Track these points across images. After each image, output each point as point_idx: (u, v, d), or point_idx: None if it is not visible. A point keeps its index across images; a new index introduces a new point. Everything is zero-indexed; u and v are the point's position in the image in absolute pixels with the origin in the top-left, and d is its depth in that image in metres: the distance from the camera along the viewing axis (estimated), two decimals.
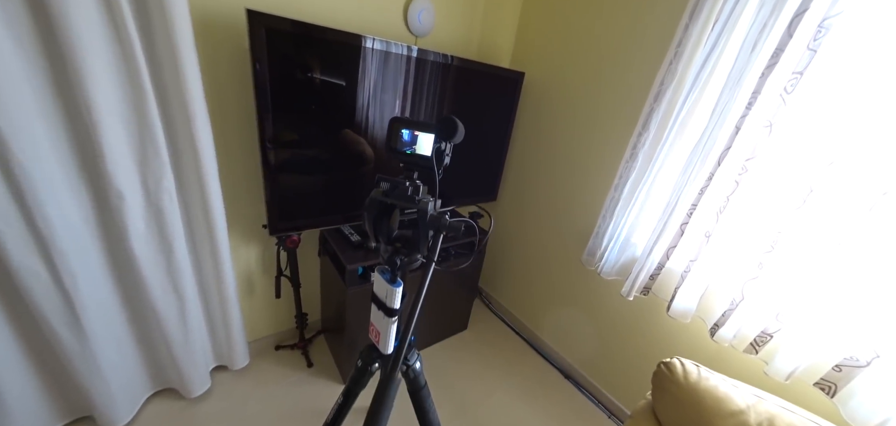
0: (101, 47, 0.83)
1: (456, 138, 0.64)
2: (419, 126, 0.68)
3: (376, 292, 0.77)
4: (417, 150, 0.68)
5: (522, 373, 1.82)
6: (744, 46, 1.08)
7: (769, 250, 1.03)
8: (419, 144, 0.68)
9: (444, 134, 0.66)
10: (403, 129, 0.68)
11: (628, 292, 1.37)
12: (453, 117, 0.63)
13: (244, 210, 1.38)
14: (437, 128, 0.66)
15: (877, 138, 0.88)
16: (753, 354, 1.09)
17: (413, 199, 0.67)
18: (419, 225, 0.66)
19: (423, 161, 0.68)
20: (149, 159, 1.00)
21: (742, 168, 1.08)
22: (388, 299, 0.74)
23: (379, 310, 0.76)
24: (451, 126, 0.65)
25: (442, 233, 0.65)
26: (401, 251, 0.71)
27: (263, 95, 1.07)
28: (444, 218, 0.66)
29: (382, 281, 0.74)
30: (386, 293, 0.74)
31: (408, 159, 0.70)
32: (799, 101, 0.98)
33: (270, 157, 1.16)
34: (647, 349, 1.47)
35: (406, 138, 0.68)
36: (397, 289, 0.72)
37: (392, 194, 0.68)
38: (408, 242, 0.71)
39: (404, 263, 0.71)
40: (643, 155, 1.32)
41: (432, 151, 0.67)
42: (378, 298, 0.77)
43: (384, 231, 0.70)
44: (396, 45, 1.23)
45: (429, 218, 0.65)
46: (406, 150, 0.69)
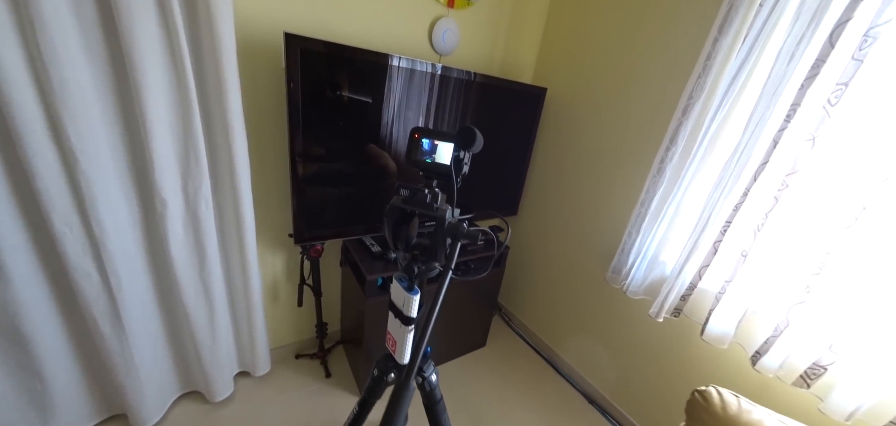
0: (158, 64, 0.92)
1: (475, 148, 0.66)
2: (439, 135, 0.69)
3: (394, 300, 0.77)
4: (437, 159, 0.69)
5: (543, 394, 1.75)
6: (780, 58, 1.04)
7: (817, 272, 0.95)
8: (439, 153, 0.69)
9: (463, 143, 0.67)
10: (424, 138, 0.70)
11: (657, 313, 1.30)
12: (472, 127, 0.64)
13: (272, 218, 1.45)
14: (456, 137, 0.67)
15: None
16: (804, 388, 0.99)
17: (431, 206, 0.68)
18: (437, 232, 0.67)
19: (442, 169, 0.69)
20: (191, 168, 1.07)
21: (782, 183, 1.02)
22: (405, 307, 0.74)
23: (396, 318, 0.76)
24: (470, 135, 0.66)
25: (460, 240, 0.66)
26: (419, 259, 0.71)
27: (295, 112, 1.13)
28: (461, 225, 0.66)
29: (400, 288, 0.74)
30: (403, 301, 0.74)
31: (427, 168, 0.71)
32: (845, 114, 0.92)
33: (299, 170, 1.21)
34: (678, 375, 1.37)
35: (426, 147, 0.69)
36: (415, 296, 0.72)
37: (411, 201, 0.69)
38: (426, 250, 0.72)
39: (422, 271, 0.71)
40: (671, 169, 1.27)
41: (451, 160, 0.68)
42: (395, 306, 0.77)
43: (403, 238, 0.71)
44: (421, 62, 1.28)
45: (447, 225, 0.66)
46: (426, 158, 0.70)
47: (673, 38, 1.33)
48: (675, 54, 1.33)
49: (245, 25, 1.13)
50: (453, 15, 1.52)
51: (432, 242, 0.69)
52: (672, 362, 1.39)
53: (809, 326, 0.98)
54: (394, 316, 0.77)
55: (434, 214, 0.67)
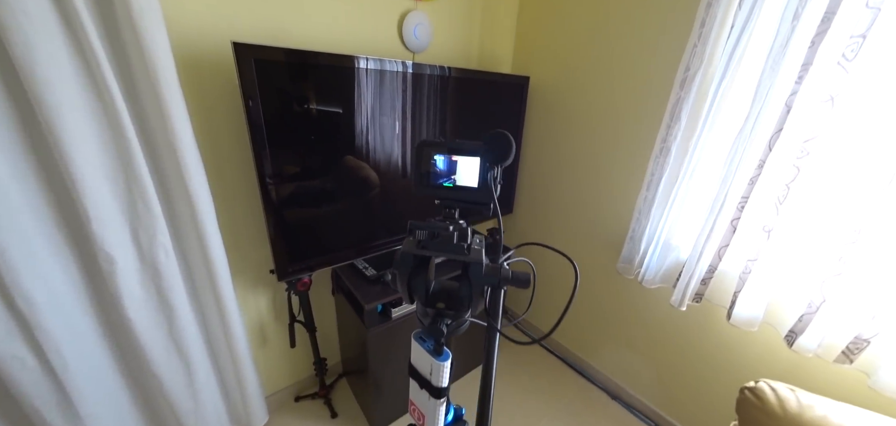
0: (76, 97, 0.75)
1: (509, 159, 0.48)
2: (458, 149, 0.51)
3: (415, 364, 0.61)
4: (459, 181, 0.52)
5: (566, 397, 1.66)
6: (783, 18, 0.97)
7: (852, 241, 0.89)
8: (460, 173, 0.51)
9: (494, 155, 0.49)
10: (436, 154, 0.51)
11: (679, 301, 1.22)
12: (504, 132, 0.47)
13: (250, 255, 1.29)
14: (483, 148, 0.50)
15: None
16: (847, 364, 0.93)
17: (460, 247, 0.51)
18: (472, 281, 0.51)
19: (468, 195, 0.51)
20: (140, 214, 0.90)
21: (802, 151, 0.95)
22: (434, 377, 0.57)
23: (421, 388, 0.59)
24: (504, 143, 0.48)
25: (504, 287, 0.52)
26: (444, 313, 0.54)
27: (258, 132, 0.98)
28: (503, 268, 0.51)
29: (423, 352, 0.58)
30: (430, 369, 0.57)
31: (447, 194, 0.53)
32: (864, 68, 0.85)
33: (272, 195, 1.07)
34: (709, 364, 1.30)
35: (441, 167, 0.52)
36: (444, 363, 0.55)
37: (432, 245, 0.52)
38: (452, 297, 0.55)
39: (451, 328, 0.54)
40: (676, 148, 1.20)
41: (480, 181, 0.50)
42: (419, 374, 0.60)
43: (421, 288, 0.54)
44: (391, 62, 1.16)
45: (485, 270, 0.50)
46: (443, 181, 0.52)
47: (660, 6, 1.25)
48: (665, 25, 1.25)
49: (185, 39, 0.97)
50: (423, 7, 1.40)
51: (461, 289, 0.53)
52: (699, 350, 1.33)
53: (847, 299, 0.91)
54: (419, 386, 0.60)
55: (466, 259, 0.51)
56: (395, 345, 1.37)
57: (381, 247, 1.41)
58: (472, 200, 0.52)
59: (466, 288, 0.51)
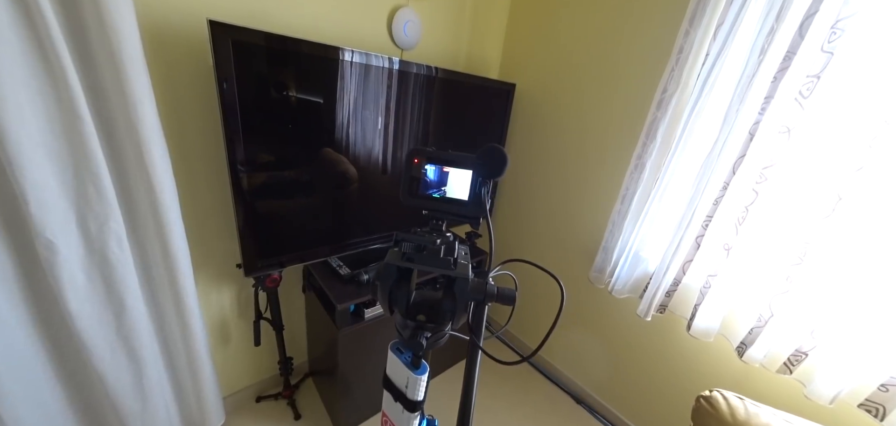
0: (16, 63, 0.66)
1: (502, 175, 0.47)
2: (450, 160, 0.50)
3: (391, 376, 0.59)
4: (448, 193, 0.51)
5: (532, 400, 1.70)
6: (752, 50, 1.04)
7: (798, 263, 0.97)
8: (450, 185, 0.50)
9: (487, 169, 0.48)
10: (428, 164, 0.50)
11: (646, 312, 1.29)
12: (499, 147, 0.46)
13: (215, 248, 1.21)
14: (476, 162, 0.48)
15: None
16: (787, 374, 1.02)
17: (448, 262, 0.49)
18: (457, 296, 0.50)
19: (458, 208, 0.50)
20: (89, 199, 0.82)
21: (760, 176, 1.02)
22: (409, 390, 0.55)
23: (396, 401, 0.57)
24: (498, 158, 0.47)
25: (489, 303, 0.51)
26: (425, 326, 0.52)
27: (232, 115, 0.92)
28: (489, 284, 0.50)
29: (400, 364, 0.56)
30: (406, 381, 0.55)
31: (436, 206, 0.52)
32: (818, 105, 0.93)
33: (243, 183, 1.01)
34: (667, 371, 1.38)
35: (432, 177, 0.51)
36: (422, 376, 0.54)
37: (418, 258, 0.49)
38: (433, 310, 0.53)
39: (431, 341, 0.51)
40: (650, 165, 1.25)
41: (471, 194, 0.49)
42: (394, 386, 0.58)
43: (402, 300, 0.52)
44: (378, 57, 1.13)
45: (470, 286, 0.49)
46: (432, 192, 0.51)
47: (644, 31, 1.31)
48: (646, 47, 1.30)
49: (153, 12, 0.89)
50: (414, 5, 1.37)
51: (444, 300, 0.52)
52: (660, 358, 1.40)
53: (791, 315, 1.00)
54: (393, 398, 0.58)
55: (452, 273, 0.49)
56: (366, 346, 1.34)
57: (357, 246, 1.37)
58: (463, 214, 0.51)
59: (449, 301, 0.50)
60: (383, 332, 1.36)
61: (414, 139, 1.36)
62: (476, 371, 0.50)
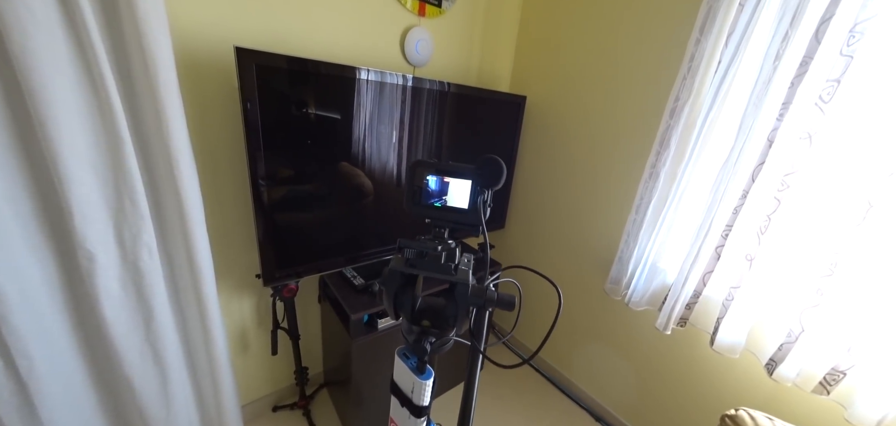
0: (70, 90, 0.74)
1: (499, 184, 0.50)
2: (450, 171, 0.52)
3: (397, 381, 0.61)
4: (449, 202, 0.53)
5: (549, 418, 1.64)
6: (767, 57, 1.02)
7: (828, 274, 0.92)
8: (451, 194, 0.53)
9: (485, 179, 0.51)
10: (429, 174, 0.53)
11: (665, 325, 1.24)
12: (496, 158, 0.49)
13: (236, 259, 1.26)
14: (475, 172, 0.51)
15: None
16: (824, 395, 0.95)
17: (448, 267, 0.52)
18: (458, 301, 0.52)
19: (458, 216, 0.53)
20: (126, 212, 0.88)
21: (782, 184, 0.99)
22: (415, 395, 0.57)
23: (402, 406, 0.59)
24: (495, 169, 0.50)
25: (489, 308, 0.53)
26: (429, 331, 0.54)
27: (254, 134, 0.98)
28: (489, 290, 0.51)
29: (406, 369, 0.58)
30: (412, 386, 0.57)
31: (437, 214, 0.54)
32: (840, 110, 0.90)
33: (264, 197, 1.06)
34: (689, 388, 1.32)
35: (433, 187, 0.53)
36: (426, 381, 0.55)
37: (420, 264, 0.52)
38: (437, 316, 0.55)
39: (435, 346, 0.54)
40: (665, 174, 1.23)
41: (471, 203, 0.52)
42: (400, 390, 0.60)
43: (407, 305, 0.55)
44: (391, 74, 1.18)
45: (471, 291, 0.51)
46: (434, 201, 0.53)
47: (653, 40, 1.31)
48: (656, 56, 1.30)
49: (186, 41, 0.97)
50: (425, 24, 1.43)
51: (447, 306, 0.54)
52: (681, 374, 1.34)
53: (824, 330, 0.94)
54: (400, 403, 0.60)
55: (453, 279, 0.52)
56: (380, 357, 1.35)
57: (371, 257, 1.40)
58: (462, 221, 0.53)
59: (452, 307, 0.52)
60: (397, 342, 1.36)
61: (427, 152, 1.39)
62: (476, 374, 0.51)
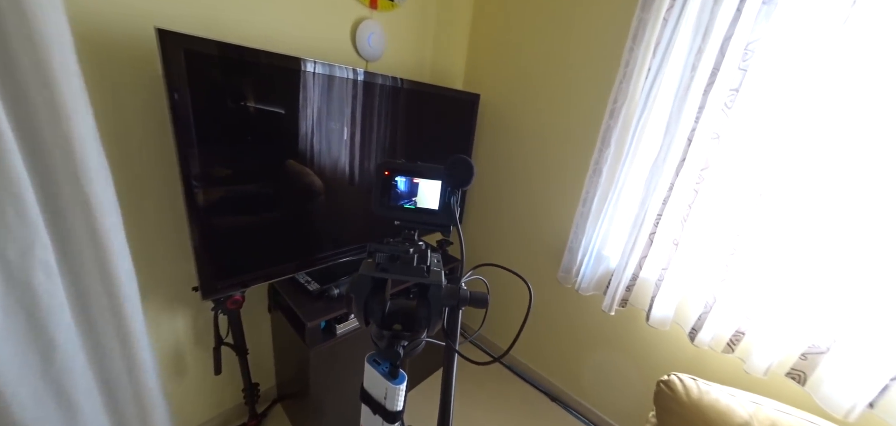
0: None
1: (469, 184, 0.50)
2: (419, 171, 0.52)
3: (368, 389, 0.58)
4: (420, 203, 0.53)
5: (509, 402, 1.73)
6: (686, 66, 1.17)
7: (732, 253, 1.10)
8: (421, 195, 0.52)
9: (455, 179, 0.50)
10: (399, 175, 0.52)
11: (609, 307, 1.37)
12: (465, 158, 0.49)
13: (167, 271, 1.11)
14: (445, 172, 0.51)
15: (814, 143, 0.98)
16: (730, 353, 1.14)
17: (421, 270, 0.51)
18: (431, 303, 0.51)
19: (429, 217, 0.52)
20: (9, 224, 0.72)
21: (698, 177, 1.15)
22: (388, 401, 0.55)
23: (375, 413, 0.57)
24: (465, 169, 0.49)
25: (462, 307, 0.53)
26: (401, 335, 0.53)
27: (185, 129, 0.86)
28: (462, 289, 0.52)
29: (377, 376, 0.56)
30: (385, 392, 0.55)
31: (408, 216, 0.53)
32: (739, 114, 1.07)
33: (198, 199, 0.94)
34: (632, 360, 1.47)
35: (403, 188, 0.52)
36: (400, 386, 0.54)
37: (392, 268, 0.51)
38: (409, 318, 0.54)
39: (408, 350, 0.53)
40: (607, 169, 1.35)
41: (441, 203, 0.51)
42: (372, 397, 0.58)
43: (377, 311, 0.53)
44: (341, 68, 1.12)
45: (444, 292, 0.51)
46: (403, 202, 0.52)
47: (596, 45, 1.42)
48: (599, 60, 1.42)
49: (91, 19, 0.82)
50: (378, 17, 1.39)
51: (419, 308, 0.53)
52: (623, 350, 1.49)
53: (730, 300, 1.12)
54: (372, 411, 0.57)
55: (426, 281, 0.51)
56: (339, 363, 1.29)
57: (326, 260, 1.33)
58: (434, 222, 0.53)
59: (424, 309, 0.51)
60: (358, 347, 1.32)
61: (381, 149, 1.35)
62: (453, 375, 0.51)
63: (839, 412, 0.97)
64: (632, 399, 1.49)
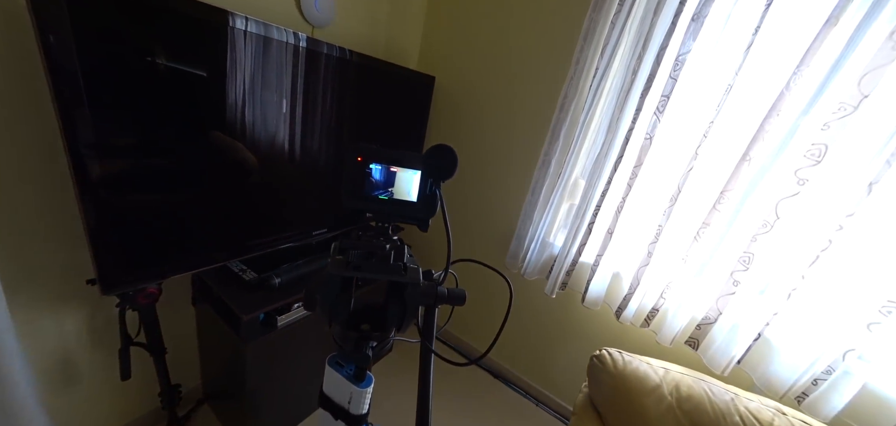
0: None
1: (452, 176, 0.46)
2: (397, 159, 0.47)
3: (330, 394, 0.54)
4: (396, 194, 0.47)
5: (453, 382, 1.79)
6: (628, 70, 1.26)
7: (654, 241, 1.25)
8: (398, 186, 0.47)
9: (437, 171, 0.46)
10: (373, 163, 0.46)
11: (551, 290, 1.48)
12: (449, 147, 0.45)
13: (43, 262, 0.90)
14: (426, 162, 0.46)
15: (721, 150, 1.14)
16: (646, 328, 1.32)
17: (398, 268, 0.47)
18: (407, 302, 0.48)
19: (408, 210, 0.48)
20: None
21: (632, 174, 1.27)
22: (352, 405, 0.51)
23: (337, 418, 0.53)
24: (448, 160, 0.45)
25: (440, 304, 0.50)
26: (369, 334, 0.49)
27: (69, 85, 0.68)
28: (440, 287, 0.49)
29: (340, 379, 0.51)
30: (350, 397, 0.51)
31: (384, 208, 0.48)
32: (668, 119, 1.20)
33: (92, 173, 0.76)
34: (570, 338, 1.61)
35: (378, 177, 0.46)
36: (366, 389, 0.50)
37: (367, 266, 0.46)
38: (377, 317, 0.50)
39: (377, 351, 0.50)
40: (555, 162, 1.43)
41: (420, 194, 0.47)
42: (333, 402, 0.53)
43: (343, 311, 0.48)
44: (280, 30, 0.98)
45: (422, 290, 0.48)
46: (379, 193, 0.47)
47: (549, 40, 1.46)
48: (552, 55, 1.46)
49: None
50: None
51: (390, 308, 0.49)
52: (562, 329, 1.63)
53: (650, 282, 1.29)
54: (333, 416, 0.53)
55: (404, 279, 0.47)
56: (279, 357, 1.20)
57: (263, 246, 1.20)
58: (411, 216, 0.49)
59: (396, 307, 0.48)
60: (299, 336, 1.24)
61: (326, 127, 1.24)
62: (430, 374, 0.50)
63: (719, 369, 1.19)
64: (570, 373, 1.65)
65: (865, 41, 0.91)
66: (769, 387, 1.14)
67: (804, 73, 1.00)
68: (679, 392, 0.92)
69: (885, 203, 0.95)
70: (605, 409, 0.98)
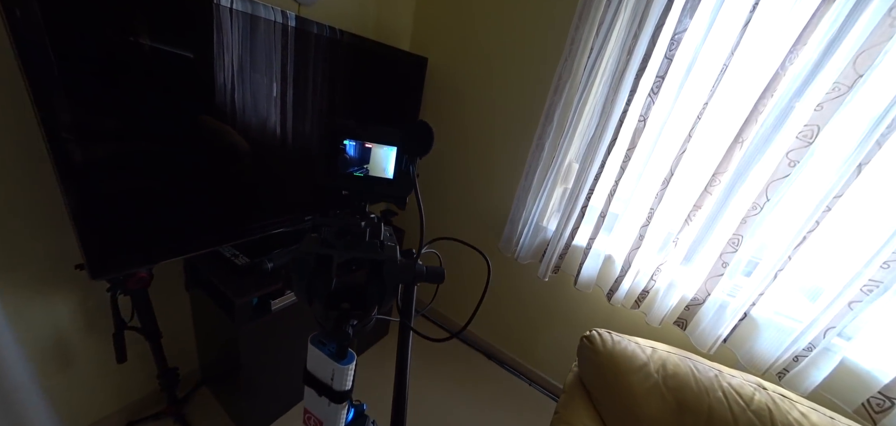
0: None
1: (428, 152, 0.46)
2: (373, 135, 0.46)
3: (312, 371, 0.54)
4: (372, 171, 0.47)
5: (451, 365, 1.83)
6: (624, 49, 1.23)
7: (645, 224, 1.26)
8: (374, 162, 0.46)
9: (414, 147, 0.46)
10: (347, 139, 0.45)
11: (544, 274, 1.49)
12: (425, 122, 0.44)
13: (30, 248, 0.89)
14: (402, 138, 0.46)
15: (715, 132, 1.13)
16: (636, 309, 1.34)
17: (375, 245, 0.47)
18: (386, 280, 0.48)
19: (383, 187, 0.48)
20: None
21: (625, 156, 1.27)
22: (335, 381, 0.52)
23: (320, 395, 0.54)
24: (425, 136, 0.45)
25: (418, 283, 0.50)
26: (350, 313, 0.49)
27: (41, 62, 0.66)
28: (418, 265, 0.49)
29: (323, 357, 0.52)
30: (332, 373, 0.52)
31: (359, 185, 0.48)
32: (662, 100, 1.18)
33: (74, 156, 0.74)
34: (562, 320, 1.64)
35: (352, 154, 0.46)
36: (348, 366, 0.51)
37: (341, 244, 0.46)
38: (357, 296, 0.50)
39: (357, 329, 0.49)
40: (549, 145, 1.42)
41: (396, 171, 0.47)
42: (316, 379, 0.54)
43: (322, 290, 0.49)
44: (267, 8, 0.95)
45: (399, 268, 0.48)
46: (353, 170, 0.46)
47: (544, 20, 1.42)
48: (546, 35, 1.43)
49: None
50: None
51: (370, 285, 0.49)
52: (554, 311, 1.66)
53: (640, 264, 1.30)
54: (317, 393, 0.54)
55: (380, 257, 0.47)
56: (275, 340, 1.22)
57: (255, 231, 1.19)
58: (388, 193, 0.48)
59: (376, 286, 0.48)
60: (294, 320, 1.25)
61: (318, 110, 1.22)
62: (408, 352, 0.50)
63: (705, 348, 1.22)
64: (561, 354, 1.68)
65: (864, 17, 0.90)
66: (752, 363, 1.17)
67: (800, 53, 0.98)
68: (665, 369, 0.94)
69: (872, 184, 0.96)
70: (593, 388, 1.00)
